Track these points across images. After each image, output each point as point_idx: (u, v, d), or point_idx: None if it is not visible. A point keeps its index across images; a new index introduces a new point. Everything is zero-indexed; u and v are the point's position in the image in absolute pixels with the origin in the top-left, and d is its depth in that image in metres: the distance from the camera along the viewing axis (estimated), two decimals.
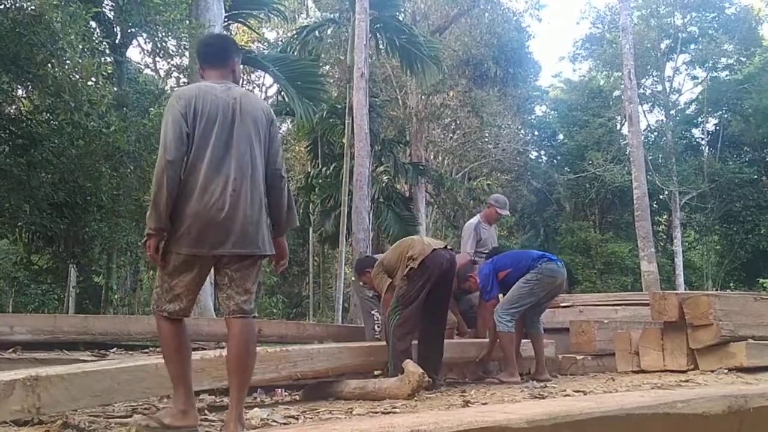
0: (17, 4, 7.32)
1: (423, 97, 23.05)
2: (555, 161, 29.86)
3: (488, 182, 23.30)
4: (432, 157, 24.71)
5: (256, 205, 3.12)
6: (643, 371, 6.05)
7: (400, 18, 19.69)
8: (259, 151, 3.18)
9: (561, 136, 29.75)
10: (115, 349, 6.23)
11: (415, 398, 4.31)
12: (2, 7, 7.44)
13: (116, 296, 12.11)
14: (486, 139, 25.26)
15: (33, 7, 6.88)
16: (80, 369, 3.56)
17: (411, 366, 4.37)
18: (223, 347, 5.91)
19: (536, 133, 30.41)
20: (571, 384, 5.30)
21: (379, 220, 19.92)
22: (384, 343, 5.46)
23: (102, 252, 11.15)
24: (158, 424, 2.96)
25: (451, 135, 25.34)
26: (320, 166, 21.49)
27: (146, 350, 5.68)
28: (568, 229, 26.18)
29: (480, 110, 23.42)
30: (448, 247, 5.52)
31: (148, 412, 3.82)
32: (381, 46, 18.68)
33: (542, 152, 31.00)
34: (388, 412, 3.74)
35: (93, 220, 9.44)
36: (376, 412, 3.72)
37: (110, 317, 8.88)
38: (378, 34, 17.79)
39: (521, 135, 27.28)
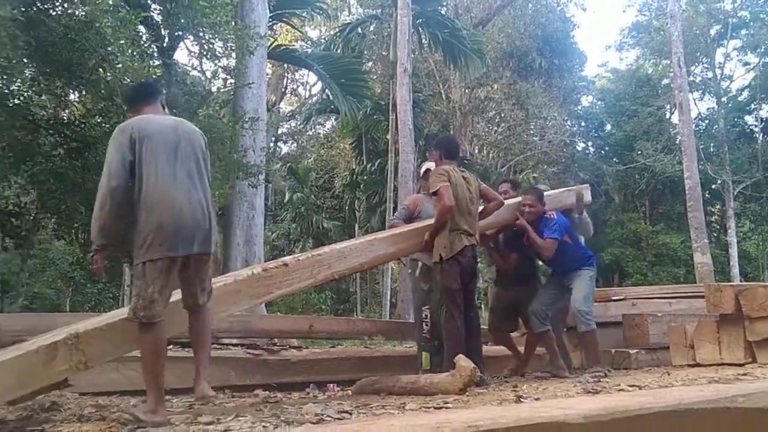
0: (68, 11, 7.51)
1: (467, 90, 22.94)
2: (603, 152, 29.32)
3: (534, 175, 23.04)
4: (476, 150, 24.56)
5: (206, 211, 3.62)
6: (698, 365, 5.93)
7: (443, 12, 19.64)
8: (202, 166, 3.69)
9: (609, 127, 29.21)
10: (170, 346, 6.37)
11: (467, 393, 4.29)
12: (54, 14, 7.64)
13: None
14: (531, 132, 25.01)
15: (84, 14, 7.04)
16: (117, 317, 3.71)
17: (463, 361, 4.35)
18: (276, 344, 6.04)
19: (583, 124, 29.90)
20: (625, 378, 5.22)
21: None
22: (412, 226, 5.55)
23: None
24: (133, 417, 3.30)
25: (496, 128, 25.15)
26: (365, 163, 21.57)
27: None
28: (618, 221, 25.73)
29: (525, 102, 23.20)
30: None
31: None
32: (424, 41, 18.66)
33: (589, 143, 30.48)
34: (441, 407, 3.74)
35: None
36: (429, 408, 3.72)
37: None
38: (420, 29, 17.77)
39: (567, 126, 26.91)
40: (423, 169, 6.40)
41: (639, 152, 24.66)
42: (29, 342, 3.63)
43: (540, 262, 6.50)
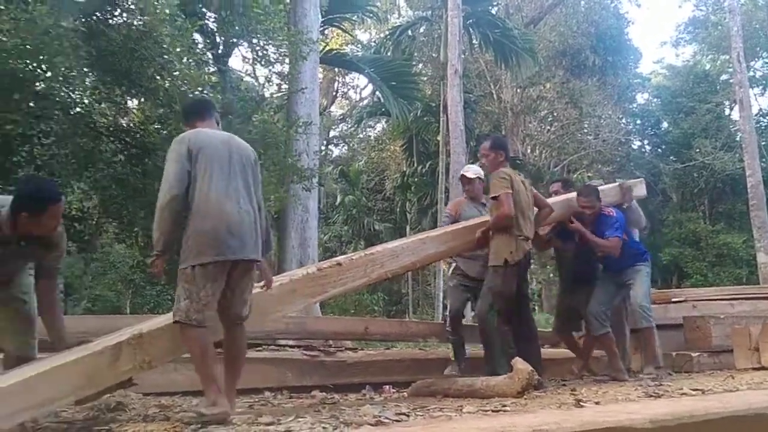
0: (128, 21, 7.71)
1: (518, 90, 22.74)
2: (659, 150, 28.61)
3: (588, 174, 22.67)
4: (529, 150, 24.29)
5: (255, 221, 3.75)
6: (763, 368, 5.77)
7: (493, 12, 19.54)
8: (251, 180, 3.81)
9: (665, 125, 28.48)
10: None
11: (525, 396, 4.26)
12: (113, 23, 7.85)
13: None
14: (585, 131, 24.62)
15: (143, 23, 7.21)
16: None
17: (520, 364, 4.33)
18: (331, 345, 6.09)
19: (638, 122, 29.24)
20: (687, 382, 5.10)
21: None
22: (460, 225, 5.53)
23: None
24: (196, 414, 3.38)
25: (549, 127, 24.85)
26: (415, 165, 21.56)
27: (259, 348, 5.88)
28: (676, 221, 25.08)
29: (578, 101, 22.86)
30: None
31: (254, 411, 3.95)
32: (474, 42, 18.57)
33: (645, 142, 29.78)
34: (499, 411, 3.72)
35: None
36: (487, 411, 3.71)
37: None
38: (471, 30, 17.70)
39: (622, 124, 26.38)
40: (460, 174, 6.42)
41: (697, 150, 24.01)
42: (95, 342, 3.75)
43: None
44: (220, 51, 10.52)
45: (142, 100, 8.77)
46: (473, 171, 6.33)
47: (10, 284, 3.63)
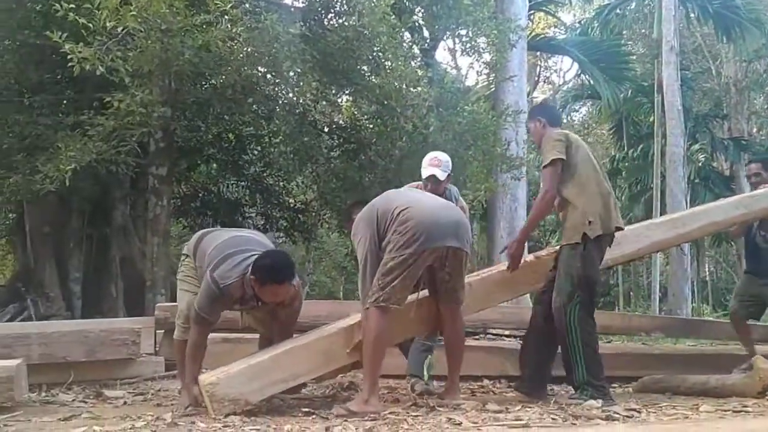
0: (344, 22, 8.12)
1: (742, 64, 20.77)
2: None
3: None
4: (755, 130, 22.14)
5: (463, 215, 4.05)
6: None
7: None
8: None
9: None
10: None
11: (767, 397, 3.96)
12: (330, 26, 8.31)
13: None
14: None
15: (360, 24, 7.53)
16: None
17: (761, 362, 4.02)
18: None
19: None
20: None
21: (696, 202, 18.39)
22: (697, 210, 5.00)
23: None
24: (347, 411, 3.46)
25: None
26: (626, 149, 20.57)
27: (477, 337, 5.98)
28: None
29: None
30: None
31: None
32: (691, 15, 17.31)
33: None
34: (739, 412, 3.50)
35: None
36: (726, 411, 3.49)
37: None
38: (687, 3, 16.51)
39: None
40: (429, 175, 4.57)
41: None
42: (329, 326, 4.07)
43: None
44: (426, 45, 10.72)
45: (356, 98, 9.19)
46: (443, 168, 4.60)
47: None
